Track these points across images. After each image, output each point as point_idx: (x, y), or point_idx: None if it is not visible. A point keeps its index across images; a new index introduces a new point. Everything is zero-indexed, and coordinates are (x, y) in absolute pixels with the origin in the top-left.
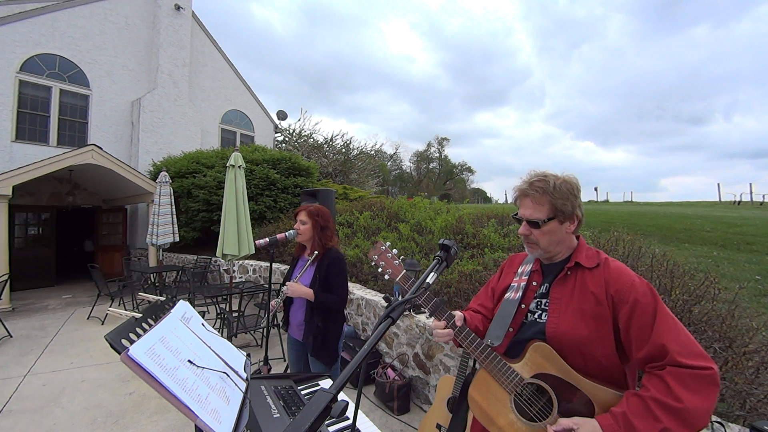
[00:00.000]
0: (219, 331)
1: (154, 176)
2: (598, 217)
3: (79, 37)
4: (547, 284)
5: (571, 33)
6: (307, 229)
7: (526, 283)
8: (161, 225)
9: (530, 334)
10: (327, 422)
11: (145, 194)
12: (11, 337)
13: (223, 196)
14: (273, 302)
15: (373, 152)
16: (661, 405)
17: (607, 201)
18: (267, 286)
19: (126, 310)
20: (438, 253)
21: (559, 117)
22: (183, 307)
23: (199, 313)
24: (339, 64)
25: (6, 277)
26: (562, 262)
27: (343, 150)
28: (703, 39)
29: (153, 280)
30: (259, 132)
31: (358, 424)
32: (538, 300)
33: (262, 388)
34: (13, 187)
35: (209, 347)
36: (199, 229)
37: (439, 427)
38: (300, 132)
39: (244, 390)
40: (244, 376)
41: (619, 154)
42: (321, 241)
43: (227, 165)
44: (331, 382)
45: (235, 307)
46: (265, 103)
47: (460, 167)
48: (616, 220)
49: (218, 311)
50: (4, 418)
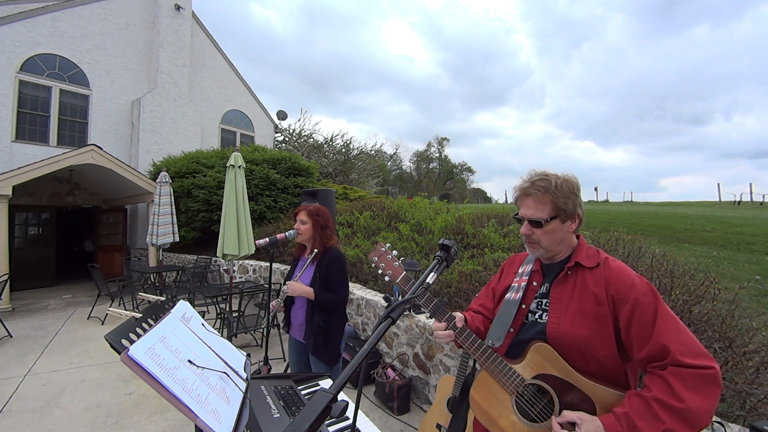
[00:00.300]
0: (219, 331)
1: (154, 176)
2: (598, 217)
3: (79, 37)
4: (548, 284)
5: (571, 33)
6: (307, 229)
7: (526, 283)
8: (161, 225)
9: (531, 335)
10: (327, 422)
11: (145, 194)
12: (11, 337)
13: (223, 196)
14: (273, 302)
15: (373, 152)
16: (664, 405)
17: (607, 201)
18: (267, 286)
19: (126, 310)
20: (438, 253)
21: (559, 117)
22: (183, 307)
23: (199, 313)
24: (339, 64)
25: (6, 277)
26: (562, 261)
27: (343, 150)
28: (703, 39)
29: (153, 280)
30: (259, 132)
31: (358, 424)
32: (539, 300)
33: (262, 388)
34: (13, 187)
35: (209, 347)
36: (199, 229)
37: (439, 427)
38: (300, 132)
39: (244, 390)
40: (244, 376)
41: (619, 154)
42: (321, 241)
43: (227, 165)
44: (331, 382)
45: (235, 307)
46: (265, 103)
47: (460, 167)
48: (616, 220)
49: (218, 311)
50: (4, 418)
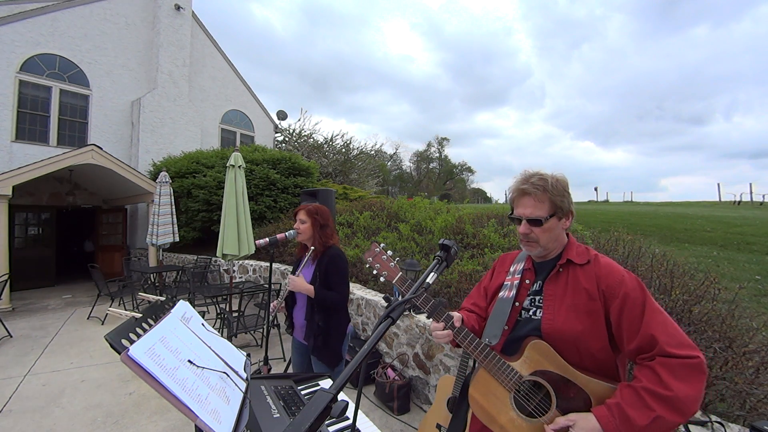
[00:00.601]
0: (219, 331)
1: (154, 176)
2: (598, 217)
3: (79, 37)
4: (540, 281)
5: (571, 33)
6: (306, 228)
7: (519, 281)
8: (161, 225)
9: (526, 331)
10: (327, 422)
11: (145, 194)
12: (11, 337)
13: (223, 196)
14: (274, 303)
15: (373, 152)
16: (653, 394)
17: (607, 201)
18: (267, 286)
19: (126, 310)
20: (438, 253)
21: (559, 117)
22: (183, 307)
23: (199, 313)
24: (339, 64)
25: (6, 277)
26: (554, 259)
27: (343, 150)
28: (703, 39)
29: (153, 280)
30: (259, 132)
31: (358, 424)
32: (532, 297)
33: (262, 388)
34: (13, 187)
35: (209, 347)
36: (199, 229)
37: (439, 427)
38: (300, 132)
39: (244, 390)
40: (244, 376)
41: (619, 154)
42: (321, 240)
43: (227, 165)
44: (331, 382)
45: (235, 307)
46: (265, 103)
47: (460, 167)
48: (616, 220)
49: (218, 311)
50: (4, 418)
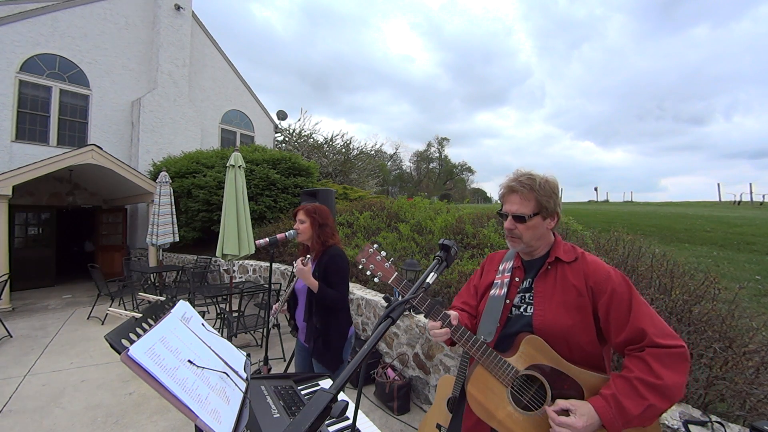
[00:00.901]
0: (219, 331)
1: (154, 176)
2: (598, 217)
3: (79, 37)
4: (530, 279)
5: (571, 33)
6: (306, 228)
7: (509, 279)
8: (161, 225)
9: (518, 328)
10: (327, 422)
11: (145, 194)
12: (11, 337)
13: (223, 196)
14: (276, 305)
15: (373, 152)
16: (645, 383)
17: (607, 201)
18: (267, 286)
19: (126, 310)
20: (438, 253)
21: (559, 117)
22: (183, 307)
23: (199, 313)
24: (339, 64)
25: (6, 277)
26: (542, 257)
27: (343, 150)
28: (703, 39)
29: (153, 280)
30: (259, 132)
31: (358, 424)
32: (522, 294)
33: (262, 388)
34: (13, 187)
35: (209, 347)
36: (199, 229)
37: (439, 427)
38: (300, 132)
39: (244, 390)
40: (244, 376)
41: (619, 154)
42: (321, 239)
43: (227, 165)
44: (331, 382)
45: (235, 307)
46: (265, 103)
47: (460, 167)
48: (616, 220)
49: (218, 311)
50: (4, 418)
